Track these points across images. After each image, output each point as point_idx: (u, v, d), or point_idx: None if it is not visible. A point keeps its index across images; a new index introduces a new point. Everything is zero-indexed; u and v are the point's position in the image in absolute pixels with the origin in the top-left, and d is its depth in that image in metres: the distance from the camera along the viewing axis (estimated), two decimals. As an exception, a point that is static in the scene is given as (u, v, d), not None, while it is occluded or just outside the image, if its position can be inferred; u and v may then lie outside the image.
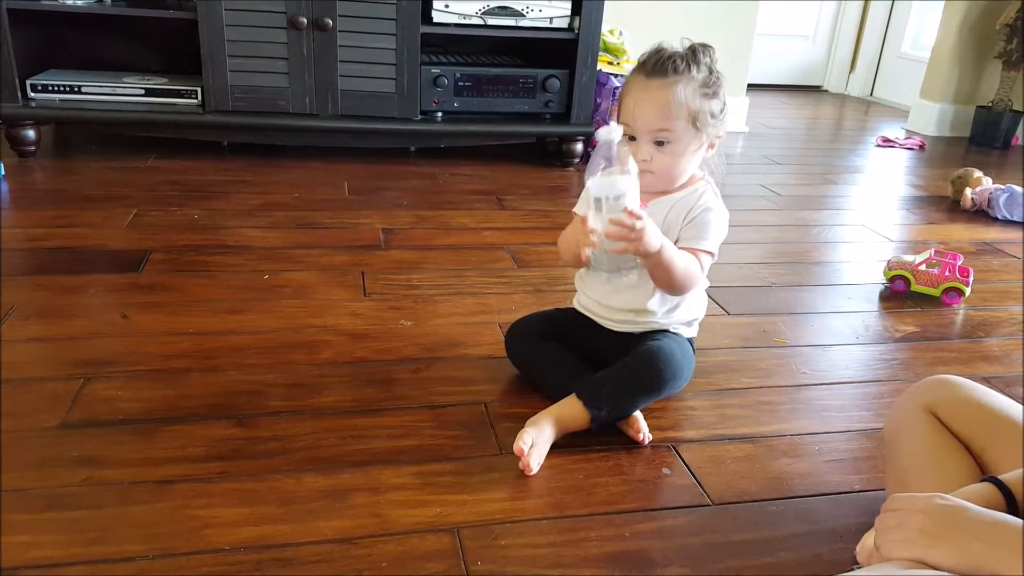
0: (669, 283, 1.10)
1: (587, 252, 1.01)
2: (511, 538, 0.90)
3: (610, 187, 0.96)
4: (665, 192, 1.13)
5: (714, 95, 1.08)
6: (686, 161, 1.10)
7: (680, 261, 1.07)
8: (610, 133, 0.95)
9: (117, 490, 0.93)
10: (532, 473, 1.01)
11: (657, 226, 1.03)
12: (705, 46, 1.09)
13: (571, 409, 1.08)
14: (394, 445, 1.05)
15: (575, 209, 1.19)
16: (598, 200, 0.97)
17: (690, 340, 1.22)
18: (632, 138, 1.07)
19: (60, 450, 0.99)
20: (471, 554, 0.87)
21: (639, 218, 0.97)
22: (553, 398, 1.12)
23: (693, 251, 1.11)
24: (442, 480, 0.99)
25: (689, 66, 1.06)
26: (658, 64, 1.06)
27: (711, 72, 1.08)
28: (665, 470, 1.05)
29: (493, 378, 1.24)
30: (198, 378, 1.18)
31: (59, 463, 0.97)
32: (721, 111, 1.09)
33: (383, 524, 0.91)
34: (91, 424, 1.05)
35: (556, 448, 1.05)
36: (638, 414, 1.10)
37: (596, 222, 0.98)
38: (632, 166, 0.97)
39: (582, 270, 1.24)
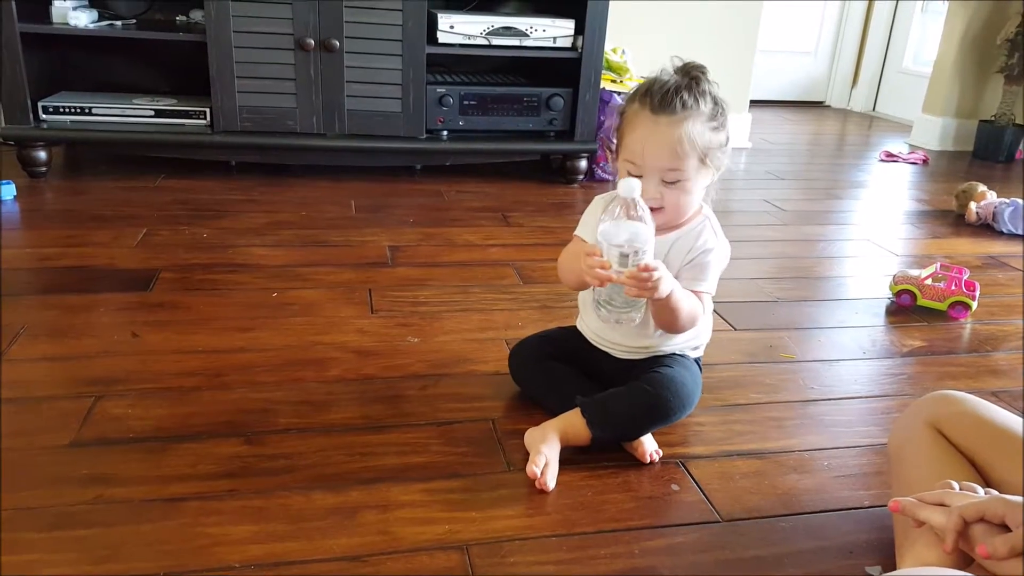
0: (672, 324, 1.09)
1: (596, 289, 1.01)
2: (520, 555, 0.90)
3: (631, 241, 0.95)
4: (665, 228, 1.08)
5: (721, 127, 1.05)
6: (695, 197, 1.08)
7: (686, 303, 1.06)
8: (631, 191, 0.94)
9: (127, 508, 0.94)
10: (549, 490, 1.01)
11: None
12: (701, 69, 1.05)
13: (575, 427, 1.08)
14: (402, 462, 1.06)
15: (577, 232, 1.18)
16: (624, 256, 0.96)
17: (697, 360, 1.21)
18: (639, 176, 1.03)
19: (71, 468, 1.00)
20: (480, 571, 0.87)
21: (655, 270, 0.97)
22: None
23: (694, 292, 1.10)
24: (451, 497, 0.99)
25: (696, 100, 1.02)
26: (664, 99, 1.01)
27: (716, 103, 1.04)
28: (674, 486, 1.05)
29: (500, 394, 1.24)
30: (207, 396, 1.19)
31: (70, 481, 0.98)
32: (727, 140, 1.07)
33: (392, 541, 0.91)
34: (102, 442, 1.06)
35: (564, 465, 1.05)
36: (644, 437, 1.10)
37: (614, 271, 0.97)
38: (648, 218, 0.96)
39: (585, 296, 1.22)
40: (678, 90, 1.02)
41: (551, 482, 1.01)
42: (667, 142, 1.02)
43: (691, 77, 1.04)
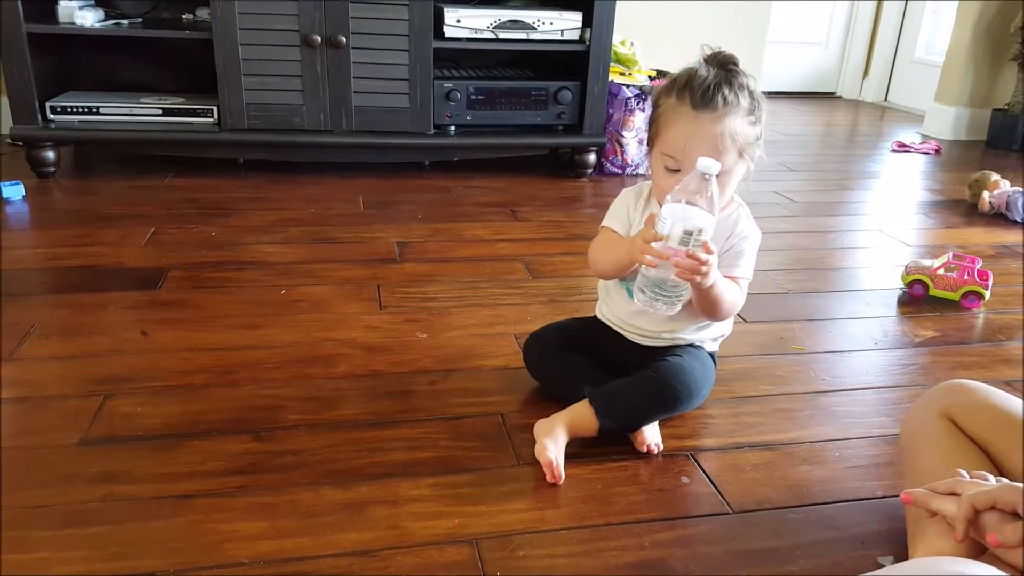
0: (714, 312, 1.10)
1: (643, 271, 1.01)
2: (530, 548, 0.90)
3: (696, 220, 0.95)
4: None
5: (758, 121, 1.05)
6: (731, 189, 1.09)
7: (728, 293, 1.07)
8: (710, 168, 0.94)
9: (138, 505, 0.94)
10: (561, 482, 1.01)
11: None
12: (733, 61, 1.05)
13: (582, 418, 1.08)
14: (411, 457, 1.06)
15: (605, 223, 1.17)
16: (688, 233, 0.95)
17: (712, 354, 1.21)
18: (676, 170, 1.04)
19: (81, 466, 1.00)
20: (490, 565, 0.87)
21: (712, 254, 0.98)
22: (572, 407, 1.11)
23: (732, 278, 1.11)
24: (460, 491, 0.99)
25: (736, 95, 1.02)
26: (706, 95, 1.01)
27: (752, 96, 1.04)
28: (684, 479, 1.04)
29: (509, 389, 1.24)
30: (216, 393, 1.19)
31: (80, 479, 0.98)
32: (761, 134, 1.07)
33: (401, 536, 0.91)
34: (111, 440, 1.06)
35: (573, 458, 1.05)
36: (647, 428, 1.09)
37: (670, 249, 0.97)
38: (716, 201, 0.96)
39: (608, 282, 1.22)
40: (719, 85, 1.01)
41: (561, 473, 1.01)
42: (710, 138, 1.02)
43: (727, 70, 1.03)
